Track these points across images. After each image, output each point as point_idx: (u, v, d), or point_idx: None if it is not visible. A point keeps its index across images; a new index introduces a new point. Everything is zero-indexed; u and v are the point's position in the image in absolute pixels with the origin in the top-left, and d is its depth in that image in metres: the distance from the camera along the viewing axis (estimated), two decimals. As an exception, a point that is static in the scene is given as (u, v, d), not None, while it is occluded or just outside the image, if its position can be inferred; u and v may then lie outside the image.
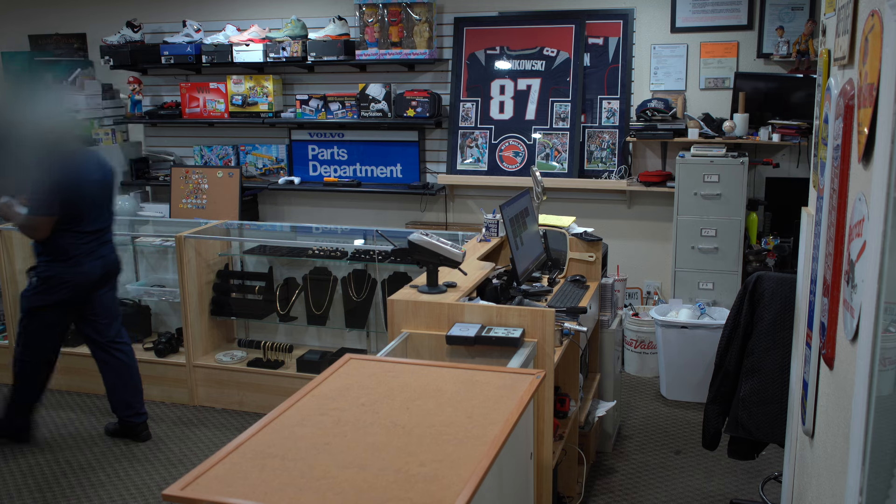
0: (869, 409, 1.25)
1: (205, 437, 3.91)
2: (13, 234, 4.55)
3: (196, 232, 4.32)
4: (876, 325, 1.23)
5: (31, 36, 5.96)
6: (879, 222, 1.22)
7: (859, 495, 1.27)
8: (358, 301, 4.28)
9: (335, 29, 5.02)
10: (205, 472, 1.66)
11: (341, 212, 5.46)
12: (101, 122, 5.52)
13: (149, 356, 4.40)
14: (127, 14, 5.55)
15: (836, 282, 1.69)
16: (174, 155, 5.70)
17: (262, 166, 5.45)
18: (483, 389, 2.06)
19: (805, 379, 2.14)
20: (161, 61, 5.28)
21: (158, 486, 3.40)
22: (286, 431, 1.84)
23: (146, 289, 4.73)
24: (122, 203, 5.33)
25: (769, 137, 4.34)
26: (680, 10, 4.67)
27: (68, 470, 3.58)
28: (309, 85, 5.36)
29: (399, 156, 5.24)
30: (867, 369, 1.26)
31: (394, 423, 1.87)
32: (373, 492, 1.58)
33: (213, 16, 5.46)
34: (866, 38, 1.45)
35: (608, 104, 4.85)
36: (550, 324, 2.48)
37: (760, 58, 4.57)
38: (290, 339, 4.56)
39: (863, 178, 1.46)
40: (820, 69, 2.23)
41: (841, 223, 1.65)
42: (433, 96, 4.96)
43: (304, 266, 4.44)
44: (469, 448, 1.76)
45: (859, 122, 1.47)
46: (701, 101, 4.70)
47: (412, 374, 2.16)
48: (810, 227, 2.29)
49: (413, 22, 4.96)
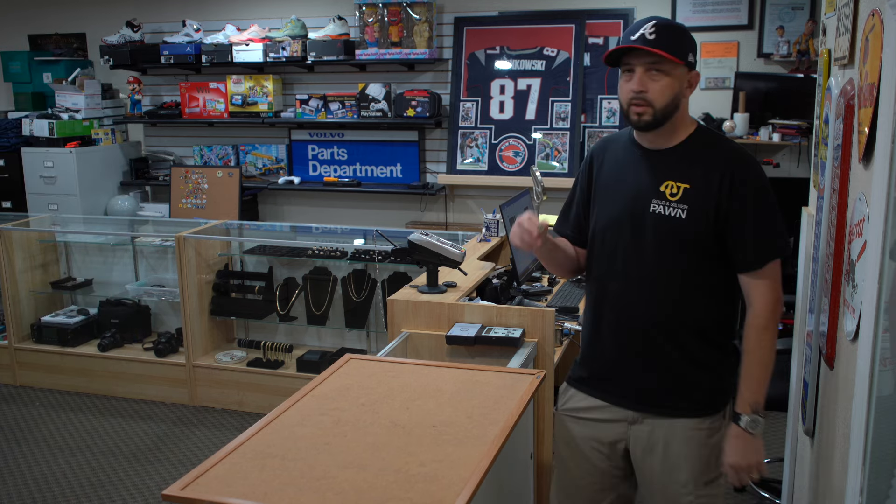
0: (869, 409, 1.25)
1: (205, 437, 3.91)
2: (13, 233, 4.55)
3: (196, 232, 4.32)
4: (876, 325, 1.23)
5: (30, 36, 5.96)
6: (880, 222, 1.22)
7: (859, 495, 1.27)
8: (358, 301, 4.27)
9: (335, 29, 5.02)
10: (205, 472, 1.66)
11: (341, 212, 5.46)
12: (101, 121, 5.52)
13: (149, 356, 4.40)
14: (127, 14, 5.54)
15: (836, 282, 1.69)
16: (174, 155, 5.70)
17: (261, 166, 5.45)
18: (483, 389, 2.06)
19: (805, 379, 2.14)
20: (161, 61, 5.27)
21: (158, 486, 3.40)
22: (286, 431, 1.84)
23: (146, 289, 4.73)
24: (122, 203, 5.34)
25: (769, 137, 4.34)
26: (680, 10, 4.66)
27: (68, 470, 3.58)
28: (309, 85, 5.36)
29: (399, 156, 5.24)
30: (867, 369, 1.26)
31: (394, 423, 1.87)
32: (373, 492, 1.58)
33: (212, 15, 5.46)
34: (867, 38, 1.45)
35: (608, 104, 4.85)
36: (550, 324, 2.48)
37: (761, 57, 4.57)
38: (290, 339, 4.55)
39: (863, 177, 1.46)
40: (820, 69, 2.22)
41: (841, 223, 1.65)
42: (433, 96, 4.95)
43: (303, 266, 4.44)
44: (469, 448, 1.76)
45: (860, 122, 1.47)
46: (701, 100, 4.70)
47: (412, 374, 2.16)
48: (811, 227, 2.29)
49: (413, 22, 4.96)
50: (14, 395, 4.46)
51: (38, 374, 4.56)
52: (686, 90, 1.80)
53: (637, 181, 1.86)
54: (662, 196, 1.81)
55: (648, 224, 1.82)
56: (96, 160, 5.29)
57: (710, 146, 1.83)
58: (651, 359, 1.87)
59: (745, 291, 1.83)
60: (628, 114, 1.80)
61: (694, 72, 1.80)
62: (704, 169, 1.79)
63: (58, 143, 5.17)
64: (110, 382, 4.43)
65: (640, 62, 1.75)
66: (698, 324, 1.86)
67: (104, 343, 4.48)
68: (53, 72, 5.68)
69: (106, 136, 5.44)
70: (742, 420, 1.79)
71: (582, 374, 2.02)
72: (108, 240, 4.88)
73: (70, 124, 5.26)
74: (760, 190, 1.79)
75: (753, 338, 1.79)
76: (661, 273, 1.83)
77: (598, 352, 1.97)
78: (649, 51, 1.72)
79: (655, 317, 1.85)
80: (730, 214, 1.77)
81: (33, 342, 4.61)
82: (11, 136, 5.28)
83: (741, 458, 1.80)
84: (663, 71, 1.74)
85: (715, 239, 1.79)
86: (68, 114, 5.33)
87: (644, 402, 1.90)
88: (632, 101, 1.77)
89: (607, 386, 1.95)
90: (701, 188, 1.78)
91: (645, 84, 1.75)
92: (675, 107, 1.78)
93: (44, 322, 4.62)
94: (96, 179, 5.28)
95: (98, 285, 4.91)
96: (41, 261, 4.82)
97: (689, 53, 1.77)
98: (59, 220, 5.06)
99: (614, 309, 1.90)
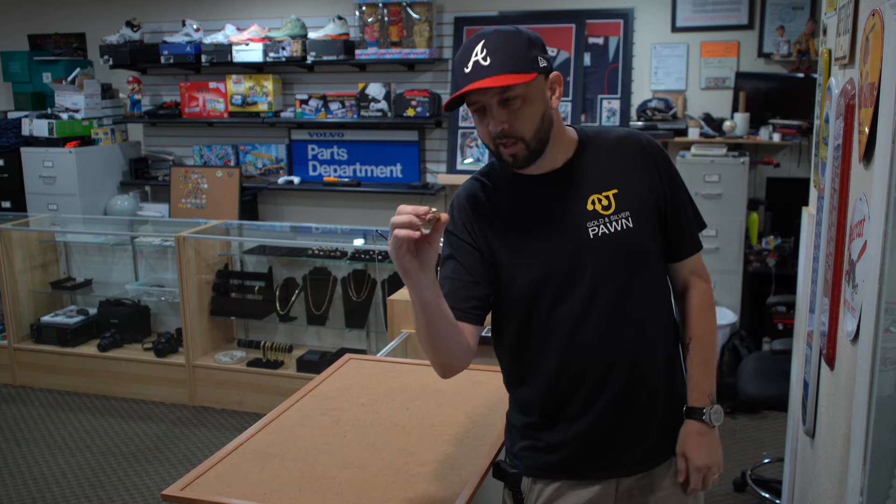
0: (870, 409, 1.25)
1: (205, 437, 3.91)
2: (12, 233, 4.55)
3: (195, 232, 4.32)
4: (877, 325, 1.23)
5: (30, 35, 5.96)
6: (880, 222, 1.22)
7: (860, 495, 1.26)
8: (358, 301, 4.27)
9: (335, 28, 5.02)
10: (205, 472, 1.66)
11: (341, 212, 5.46)
12: (101, 121, 5.51)
13: (148, 356, 4.40)
14: (126, 13, 5.54)
15: (836, 282, 1.69)
16: (173, 155, 5.69)
17: (261, 166, 5.45)
18: (483, 389, 2.06)
19: (805, 379, 2.14)
20: (160, 61, 5.27)
21: (158, 487, 3.39)
22: (286, 431, 1.84)
23: (146, 289, 4.73)
24: (122, 203, 5.33)
25: (770, 137, 4.34)
26: (680, 10, 4.66)
27: (67, 470, 3.58)
28: (309, 85, 5.36)
29: (399, 155, 5.24)
30: (868, 369, 1.26)
31: (394, 423, 1.87)
32: (373, 492, 1.58)
33: (212, 15, 5.46)
34: (867, 38, 1.45)
35: (608, 104, 4.85)
36: (550, 324, 2.47)
37: (761, 57, 4.57)
38: (290, 339, 4.56)
39: (863, 177, 1.45)
40: (820, 69, 2.22)
41: (842, 223, 1.65)
42: (433, 96, 4.95)
43: (303, 266, 4.44)
44: (469, 448, 1.76)
45: (860, 122, 1.47)
46: (701, 100, 4.70)
47: (412, 374, 2.16)
48: (811, 227, 2.28)
49: (413, 21, 4.96)
50: (14, 395, 4.46)
51: (38, 374, 4.56)
52: (553, 99, 1.49)
53: (555, 211, 1.53)
54: (595, 214, 1.52)
55: (597, 251, 1.51)
56: (96, 160, 5.29)
57: (606, 140, 1.59)
58: (644, 404, 1.58)
59: (682, 276, 1.66)
60: (500, 156, 1.50)
61: (553, 74, 1.48)
62: (620, 164, 1.56)
63: (57, 142, 5.17)
64: (110, 382, 4.43)
65: (487, 97, 1.43)
66: (669, 337, 1.64)
67: (104, 343, 4.48)
68: (53, 72, 5.68)
69: (105, 136, 5.44)
70: (705, 414, 1.59)
71: (555, 460, 1.59)
72: (108, 240, 4.88)
73: (70, 124, 5.26)
74: (671, 162, 1.61)
75: (704, 319, 1.64)
76: (630, 300, 1.53)
77: (576, 427, 1.56)
78: (491, 86, 1.39)
79: (640, 354, 1.55)
80: (666, 201, 1.57)
81: (33, 342, 4.61)
82: (11, 135, 5.28)
83: (709, 457, 1.60)
84: (518, 96, 1.42)
85: (661, 236, 1.59)
86: (68, 114, 5.33)
87: (647, 459, 1.61)
88: (497, 141, 1.47)
89: (599, 461, 1.58)
90: (630, 186, 1.54)
91: (504, 119, 1.43)
92: (549, 125, 1.48)
93: (43, 322, 4.62)
94: (96, 179, 5.28)
95: (98, 285, 4.91)
96: (41, 261, 4.82)
97: (537, 59, 1.44)
98: (59, 220, 5.06)
99: (586, 368, 1.53)
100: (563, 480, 1.58)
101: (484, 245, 1.55)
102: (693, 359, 1.63)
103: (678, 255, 1.63)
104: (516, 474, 1.60)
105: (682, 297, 1.68)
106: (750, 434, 3.81)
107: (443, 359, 1.49)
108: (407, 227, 1.28)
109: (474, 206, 1.59)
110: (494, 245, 1.55)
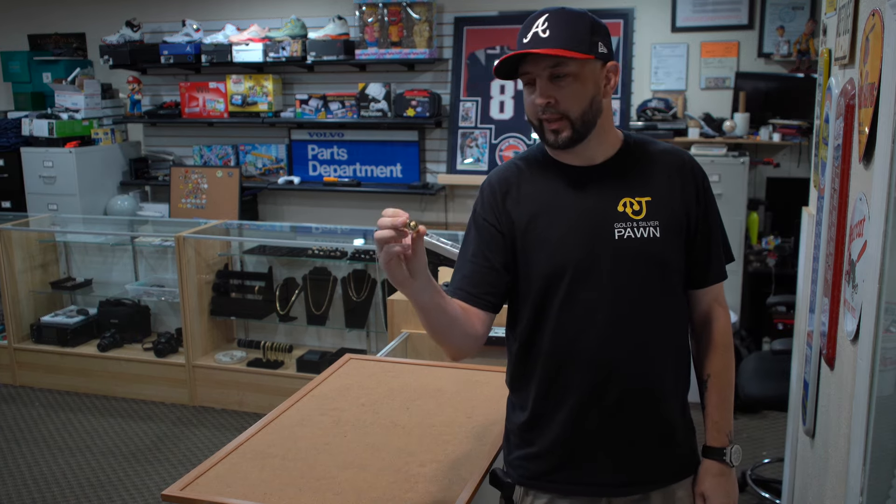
0: (870, 409, 1.25)
1: (205, 437, 3.91)
2: (12, 233, 4.55)
3: (195, 232, 4.32)
4: (877, 325, 1.23)
5: (30, 35, 5.96)
6: (880, 222, 1.22)
7: (860, 495, 1.26)
8: (358, 301, 4.27)
9: (335, 28, 5.02)
10: (205, 472, 1.66)
11: (341, 212, 5.46)
12: (101, 121, 5.51)
13: (148, 356, 4.40)
14: (126, 13, 5.54)
15: (836, 282, 1.68)
16: (173, 155, 5.69)
17: (261, 166, 5.45)
18: (483, 389, 2.06)
19: (805, 379, 2.14)
20: (160, 61, 5.27)
21: (158, 487, 3.39)
22: (286, 431, 1.84)
23: (146, 289, 4.73)
24: (122, 203, 5.33)
25: (770, 137, 4.34)
26: (680, 10, 4.66)
27: (67, 470, 3.58)
28: (309, 85, 5.36)
29: (399, 156, 5.24)
30: (868, 369, 1.26)
31: (394, 423, 1.87)
32: (373, 492, 1.58)
33: (212, 15, 5.46)
34: (867, 38, 1.45)
35: (608, 104, 4.84)
36: (550, 324, 2.47)
37: (761, 57, 4.57)
38: (290, 339, 4.56)
39: (863, 177, 1.45)
40: (820, 69, 2.22)
41: (842, 223, 1.65)
42: (433, 96, 4.95)
43: (303, 266, 4.44)
44: (469, 448, 1.76)
45: (860, 122, 1.47)
46: (701, 100, 4.70)
47: (412, 374, 2.16)
48: (811, 227, 2.28)
49: (413, 21, 4.96)
50: (14, 395, 4.46)
51: (38, 374, 4.56)
52: (606, 88, 1.49)
53: (585, 207, 1.50)
54: (624, 216, 1.49)
55: (618, 255, 1.49)
56: (96, 160, 5.29)
57: (651, 149, 1.57)
58: (639, 426, 1.53)
59: (701, 308, 1.63)
60: (542, 133, 1.49)
61: (610, 63, 1.48)
62: (660, 175, 1.53)
63: (57, 142, 5.17)
64: (110, 382, 4.43)
65: (539, 68, 1.44)
66: (679, 360, 1.60)
67: (104, 343, 4.48)
68: (53, 71, 5.68)
69: (105, 135, 5.44)
70: (725, 454, 1.57)
71: (545, 468, 1.56)
72: (108, 240, 4.88)
73: (70, 124, 5.26)
74: (710, 188, 1.61)
75: (724, 357, 1.61)
76: (640, 310, 1.51)
77: (567, 433, 1.53)
78: (546, 53, 1.41)
79: (641, 370, 1.52)
80: (698, 223, 1.55)
81: (33, 342, 4.61)
82: (11, 135, 5.28)
83: (728, 498, 1.57)
84: (570, 73, 1.43)
85: (684, 254, 1.56)
86: (68, 114, 5.33)
87: (638, 482, 1.56)
88: (542, 116, 1.47)
89: (587, 475, 1.55)
90: (665, 197, 1.52)
91: (552, 93, 1.44)
92: (597, 111, 1.47)
93: (43, 322, 4.62)
94: (96, 179, 5.28)
95: (98, 285, 4.91)
96: (41, 261, 4.82)
97: (597, 43, 1.45)
98: (59, 220, 5.06)
99: (582, 371, 1.50)
100: (553, 494, 1.56)
101: (507, 229, 1.53)
102: (711, 398, 1.61)
103: (703, 280, 1.60)
104: (510, 484, 1.59)
105: (704, 328, 1.64)
106: (750, 434, 3.81)
107: (449, 348, 1.52)
108: (392, 241, 1.29)
109: (505, 189, 1.56)
110: (517, 231, 1.53)
